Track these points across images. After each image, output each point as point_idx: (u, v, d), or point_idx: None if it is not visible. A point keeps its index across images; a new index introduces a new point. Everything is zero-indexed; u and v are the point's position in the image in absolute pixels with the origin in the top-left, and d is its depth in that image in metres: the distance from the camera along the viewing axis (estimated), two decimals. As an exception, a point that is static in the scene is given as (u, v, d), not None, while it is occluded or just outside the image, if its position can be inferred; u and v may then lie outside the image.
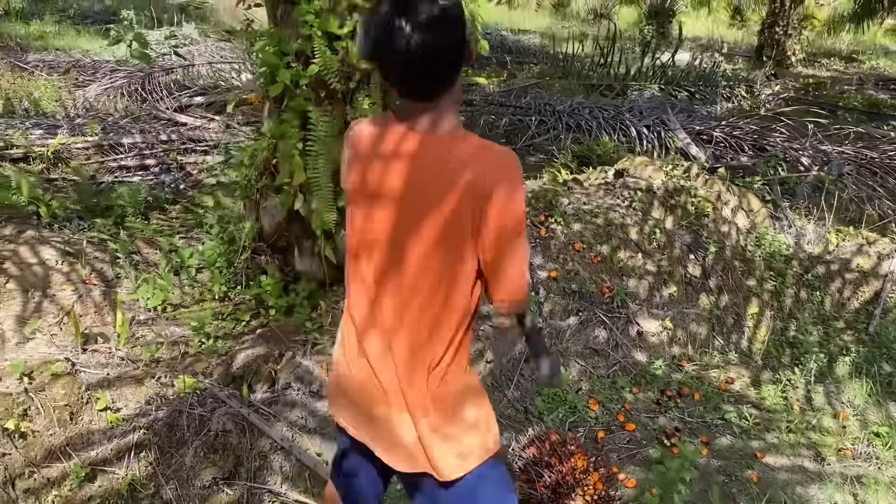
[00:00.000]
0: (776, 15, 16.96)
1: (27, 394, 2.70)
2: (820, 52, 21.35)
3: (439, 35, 1.46)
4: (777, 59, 16.02)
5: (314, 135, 3.49)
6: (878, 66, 19.01)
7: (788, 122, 6.77)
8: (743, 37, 27.08)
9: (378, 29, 1.47)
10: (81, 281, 3.75)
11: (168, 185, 5.74)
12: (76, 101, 7.52)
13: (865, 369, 3.96)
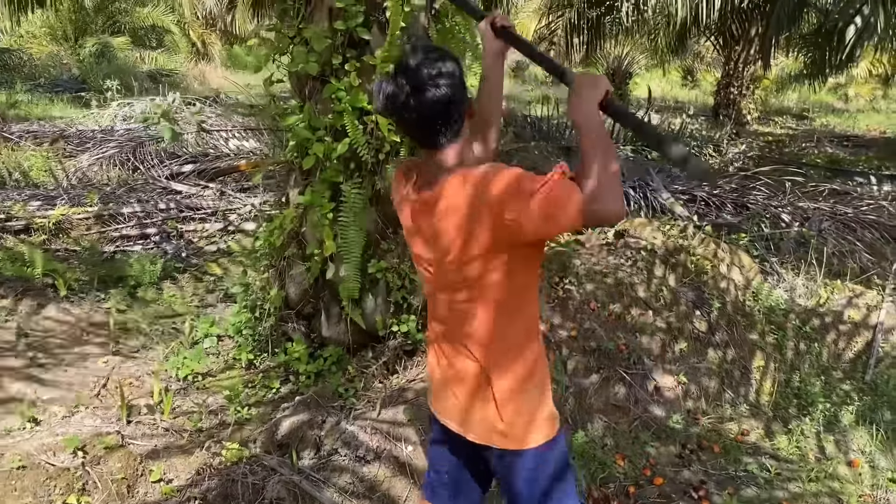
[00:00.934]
0: (730, 76, 17.75)
1: (84, 468, 2.71)
2: (772, 111, 22.34)
3: (434, 93, 1.73)
4: (734, 118, 16.74)
5: (345, 206, 3.63)
6: (827, 124, 19.94)
7: (767, 181, 7.11)
8: (697, 96, 28.20)
9: (384, 89, 1.76)
10: (111, 353, 3.78)
11: (171, 253, 5.78)
12: (68, 172, 7.55)
13: (869, 417, 4.14)
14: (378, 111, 1.84)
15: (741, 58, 17.27)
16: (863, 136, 15.91)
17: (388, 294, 3.88)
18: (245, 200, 6.81)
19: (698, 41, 21.24)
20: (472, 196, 1.71)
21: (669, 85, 30.23)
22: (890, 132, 17.60)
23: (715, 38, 16.79)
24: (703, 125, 14.83)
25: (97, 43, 20.90)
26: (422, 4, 3.59)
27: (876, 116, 21.66)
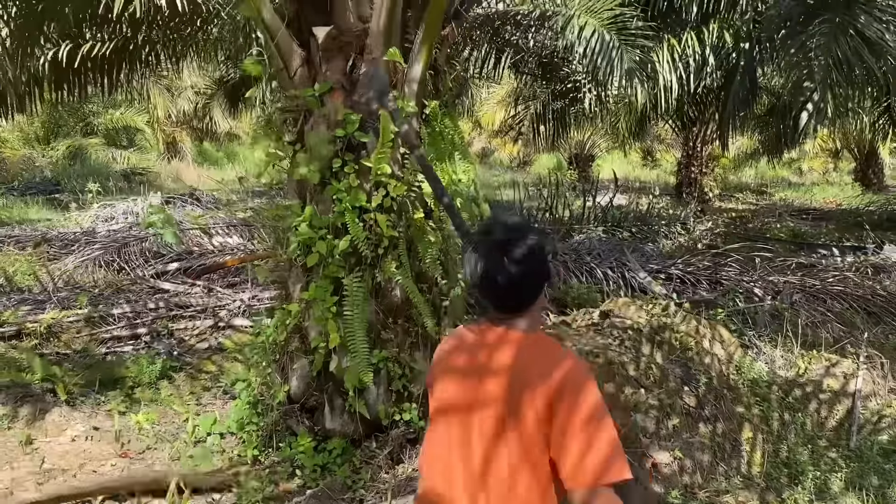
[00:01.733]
0: (689, 156, 18.48)
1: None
2: (731, 188, 23.17)
3: (529, 267, 1.85)
4: (696, 196, 17.36)
5: (348, 298, 3.78)
6: (786, 198, 20.72)
7: (737, 257, 7.43)
8: (658, 175, 29.16)
9: (481, 262, 1.86)
10: (119, 455, 3.81)
11: (163, 352, 5.83)
12: (53, 275, 7.60)
13: (857, 483, 4.28)
14: (467, 278, 1.93)
15: (698, 138, 18.07)
16: (820, 209, 16.57)
17: (389, 383, 3.99)
18: (233, 296, 6.91)
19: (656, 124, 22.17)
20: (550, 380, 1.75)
21: (631, 166, 31.30)
22: (845, 204, 18.35)
23: (673, 122, 17.56)
24: (669, 204, 15.36)
25: (71, 145, 21.17)
26: (414, 111, 3.86)
27: (830, 189, 22.57)
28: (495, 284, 1.85)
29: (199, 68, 16.20)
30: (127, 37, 9.68)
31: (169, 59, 10.52)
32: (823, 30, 7.21)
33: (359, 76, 3.84)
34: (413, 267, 3.96)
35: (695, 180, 18.19)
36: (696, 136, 18.01)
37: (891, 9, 7.51)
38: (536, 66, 12.01)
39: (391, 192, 3.80)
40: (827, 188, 22.93)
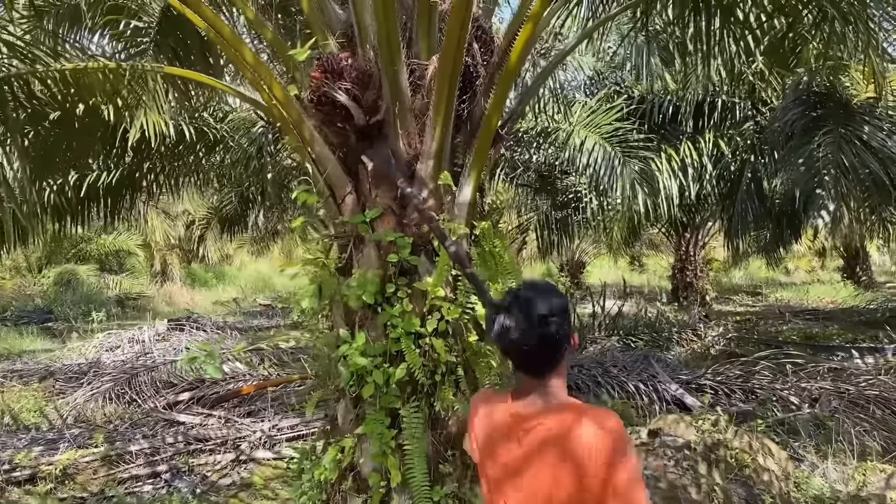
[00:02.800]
0: (683, 261, 18.66)
1: None
2: (725, 290, 23.31)
3: (549, 327, 1.92)
4: (692, 299, 17.41)
5: (406, 431, 3.59)
6: (781, 298, 20.82)
7: (767, 364, 7.31)
8: (648, 279, 29.39)
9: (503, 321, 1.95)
10: None
11: (185, 491, 5.52)
12: (61, 410, 7.31)
13: None
14: (494, 341, 2.02)
15: (690, 242, 18.30)
16: (820, 309, 16.60)
17: (450, 521, 3.75)
18: (252, 426, 6.64)
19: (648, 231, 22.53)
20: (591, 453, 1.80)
21: (620, 271, 31.57)
22: (840, 302, 18.43)
23: (666, 228, 17.83)
24: (669, 309, 15.34)
25: (62, 272, 21.04)
26: (465, 232, 3.81)
27: (822, 288, 22.75)
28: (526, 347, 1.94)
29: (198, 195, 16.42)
30: (132, 166, 9.80)
31: (171, 187, 10.64)
32: (828, 140, 7.42)
33: (408, 201, 3.81)
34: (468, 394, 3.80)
35: (690, 284, 18.31)
36: (688, 241, 18.28)
37: (889, 117, 7.78)
38: (536, 178, 12.27)
39: (446, 315, 3.69)
40: (818, 287, 23.12)
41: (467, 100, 3.90)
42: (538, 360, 1.97)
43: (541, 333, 1.92)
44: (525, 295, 1.99)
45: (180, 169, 10.78)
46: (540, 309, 1.92)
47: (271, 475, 5.81)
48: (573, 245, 18.42)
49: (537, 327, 1.91)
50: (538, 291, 2.00)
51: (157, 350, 9.28)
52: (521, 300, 1.96)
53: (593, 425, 1.84)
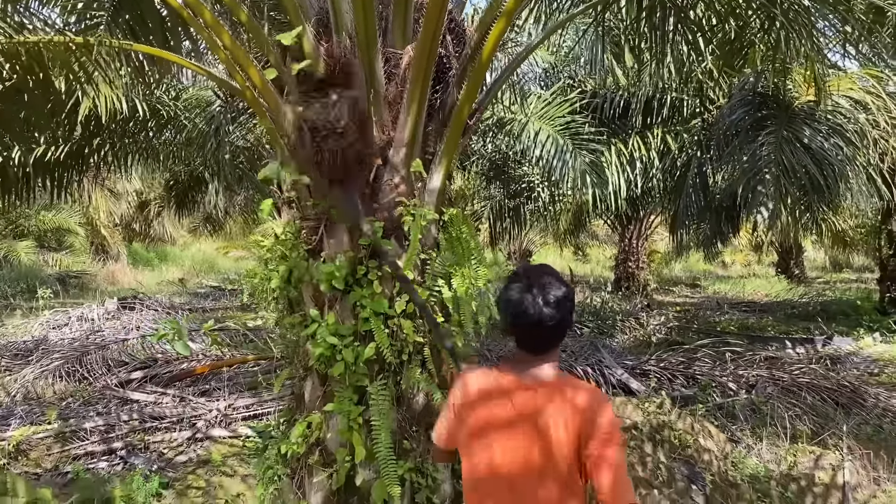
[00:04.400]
0: (626, 252, 19.19)
1: None
2: (665, 281, 23.99)
3: (561, 310, 2.12)
4: (634, 289, 17.93)
5: (373, 408, 3.73)
6: (719, 290, 21.55)
7: (708, 352, 7.68)
8: (591, 269, 30.00)
9: (517, 305, 2.13)
10: (131, 584, 3.57)
11: (140, 467, 5.55)
12: (9, 388, 7.21)
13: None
14: (509, 320, 2.18)
15: (633, 235, 18.82)
16: (755, 301, 17.28)
17: (413, 495, 3.90)
18: (208, 405, 6.67)
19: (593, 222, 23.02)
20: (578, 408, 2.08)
21: (564, 261, 32.16)
22: (773, 296, 19.20)
23: (611, 220, 18.27)
24: (612, 298, 15.78)
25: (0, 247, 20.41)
26: (434, 218, 3.95)
27: (757, 281, 23.60)
28: (537, 326, 2.10)
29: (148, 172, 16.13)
30: (81, 142, 9.61)
31: (120, 163, 10.47)
32: (771, 140, 7.79)
33: (381, 185, 3.92)
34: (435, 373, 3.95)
35: (632, 275, 18.85)
36: (632, 233, 18.79)
37: (827, 121, 8.19)
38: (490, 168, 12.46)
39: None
40: (754, 280, 23.98)
41: (440, 90, 4.04)
42: (546, 339, 2.16)
43: (555, 315, 2.10)
44: (543, 279, 2.16)
45: (131, 146, 10.62)
46: (557, 292, 2.12)
47: (228, 453, 5.86)
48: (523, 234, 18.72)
49: (554, 309, 2.09)
50: (553, 276, 2.19)
51: (107, 328, 9.18)
52: (540, 283, 2.13)
53: (585, 391, 2.13)
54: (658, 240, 25.77)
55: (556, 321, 2.11)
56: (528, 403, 2.12)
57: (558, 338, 2.20)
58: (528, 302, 2.10)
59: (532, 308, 2.09)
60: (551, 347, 2.20)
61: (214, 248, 28.62)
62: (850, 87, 8.81)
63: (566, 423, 2.06)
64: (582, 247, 34.99)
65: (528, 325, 2.12)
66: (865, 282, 22.76)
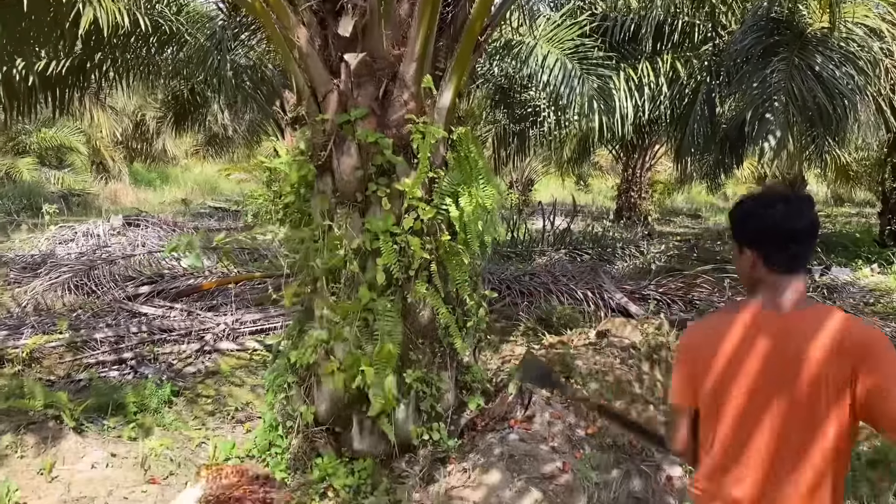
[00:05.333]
0: (629, 182, 19.13)
1: None
2: (667, 212, 24.02)
3: (817, 218, 1.91)
4: (635, 219, 17.97)
5: (380, 320, 3.83)
6: (719, 222, 21.60)
7: (707, 278, 7.79)
8: (593, 199, 29.97)
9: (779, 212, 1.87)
10: (147, 482, 3.74)
11: (151, 377, 5.70)
12: (19, 299, 7.34)
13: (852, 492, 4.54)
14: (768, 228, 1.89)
15: (637, 164, 18.73)
16: (756, 233, 17.30)
17: (418, 403, 4.05)
18: (216, 319, 6.81)
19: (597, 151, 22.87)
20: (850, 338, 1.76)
21: (566, 191, 32.09)
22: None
23: (616, 149, 18.14)
24: (614, 227, 15.85)
25: (2, 164, 20.33)
26: (443, 135, 3.96)
27: (759, 214, 23.56)
28: (806, 237, 1.89)
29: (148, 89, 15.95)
30: (82, 56, 9.47)
31: (121, 79, 10.34)
32: (781, 67, 7.68)
33: (390, 101, 3.92)
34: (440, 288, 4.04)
35: (634, 204, 18.85)
36: (636, 162, 18.70)
37: (840, 49, 8.06)
38: (495, 91, 12.31)
39: (421, 215, 3.89)
40: (756, 213, 23.92)
41: (452, 3, 4.00)
42: (805, 248, 1.92)
43: (813, 220, 1.89)
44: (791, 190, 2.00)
45: (132, 62, 10.47)
46: (808, 203, 1.90)
47: (236, 365, 6.02)
48: (526, 161, 18.62)
49: (810, 214, 1.88)
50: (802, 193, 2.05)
51: (113, 244, 9.27)
52: (794, 193, 1.94)
53: (860, 323, 1.83)
54: (661, 170, 25.63)
55: (814, 227, 1.90)
56: (786, 336, 1.83)
57: (813, 248, 1.96)
58: (791, 208, 1.88)
59: (797, 214, 1.87)
60: (806, 262, 1.95)
61: (216, 171, 28.50)
62: (866, 15, 8.63)
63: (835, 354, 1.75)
64: (584, 177, 34.81)
65: (788, 235, 1.87)
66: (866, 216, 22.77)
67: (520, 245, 11.35)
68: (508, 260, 10.26)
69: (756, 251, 1.90)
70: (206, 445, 4.38)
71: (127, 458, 4.02)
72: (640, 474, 4.22)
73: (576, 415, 4.35)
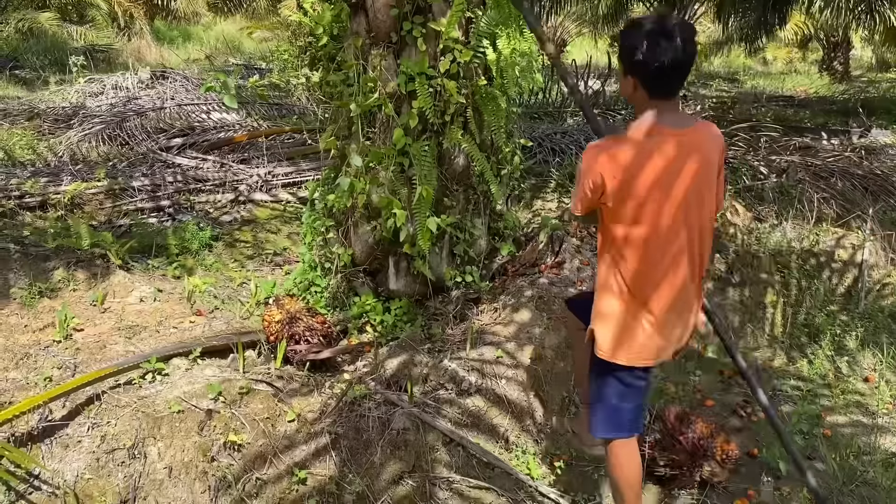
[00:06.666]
0: (667, 43, 18.41)
1: (230, 410, 2.91)
2: (703, 75, 23.23)
3: (695, 46, 2.16)
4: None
5: (416, 165, 3.86)
6: (757, 85, 20.91)
7: (744, 136, 7.64)
8: (626, 62, 28.92)
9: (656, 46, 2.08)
10: (195, 314, 3.93)
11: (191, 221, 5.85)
12: (55, 149, 7.44)
13: (871, 341, 4.66)
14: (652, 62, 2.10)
15: (676, 24, 17.93)
16: (793, 97, 16.82)
17: (451, 247, 4.14)
18: (249, 171, 6.88)
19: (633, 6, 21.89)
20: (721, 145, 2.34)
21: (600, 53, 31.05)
22: (814, 92, 18.64)
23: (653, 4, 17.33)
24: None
25: (23, 19, 20.01)
26: (482, -26, 3.83)
27: (798, 78, 22.79)
28: (683, 65, 2.12)
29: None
30: None
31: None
32: None
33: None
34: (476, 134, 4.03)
35: (670, 67, 18.24)
36: (674, 21, 17.91)
37: None
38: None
39: (458, 57, 3.82)
40: (795, 77, 23.15)
41: None
42: (682, 78, 2.18)
43: (692, 52, 2.12)
44: (673, 19, 2.17)
45: None
46: (687, 30, 2.11)
47: (270, 215, 6.14)
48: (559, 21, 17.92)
49: (693, 46, 2.13)
50: (681, 20, 2.21)
51: (143, 97, 9.24)
52: (676, 24, 2.11)
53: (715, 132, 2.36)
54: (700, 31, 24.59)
55: (692, 57, 2.15)
56: (691, 146, 2.19)
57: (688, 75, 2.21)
58: (672, 43, 2.07)
59: (676, 49, 2.07)
60: (681, 89, 2.30)
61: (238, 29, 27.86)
62: None
63: (718, 156, 2.32)
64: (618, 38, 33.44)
65: (683, 63, 2.12)
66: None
67: (550, 106, 11.14)
68: (539, 120, 10.10)
69: (638, 79, 2.16)
70: (247, 285, 4.56)
71: (172, 293, 4.21)
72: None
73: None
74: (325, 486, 2.87)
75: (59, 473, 2.69)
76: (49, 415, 2.88)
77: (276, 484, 2.81)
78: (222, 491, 2.71)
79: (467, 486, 3.07)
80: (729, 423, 3.74)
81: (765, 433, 3.64)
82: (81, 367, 3.28)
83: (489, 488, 3.04)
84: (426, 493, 3.00)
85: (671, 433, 3.27)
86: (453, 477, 3.08)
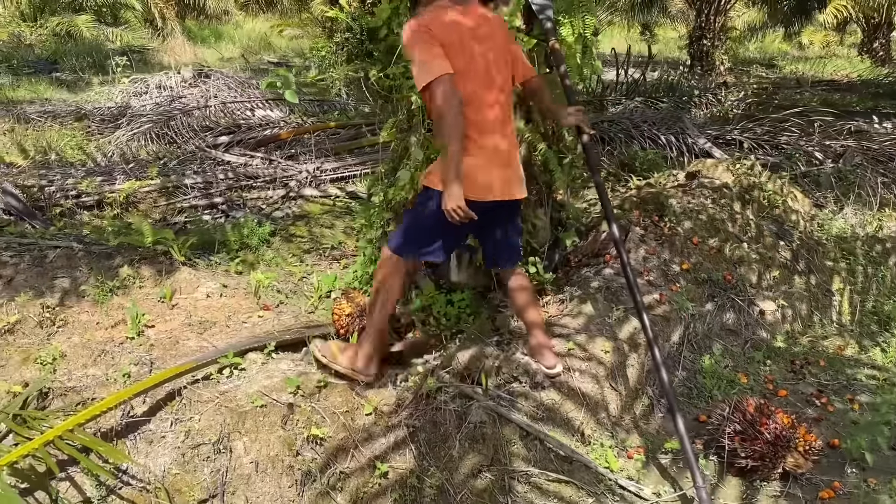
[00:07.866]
0: (702, 28, 18.12)
1: (310, 404, 2.91)
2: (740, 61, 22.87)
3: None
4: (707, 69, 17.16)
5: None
6: (797, 70, 20.52)
7: (797, 121, 7.50)
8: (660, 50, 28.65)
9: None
10: (262, 308, 3.94)
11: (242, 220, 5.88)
12: (104, 149, 7.53)
13: (943, 329, 4.53)
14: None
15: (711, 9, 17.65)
16: (836, 81, 16.48)
17: (515, 239, 4.10)
18: (297, 167, 6.91)
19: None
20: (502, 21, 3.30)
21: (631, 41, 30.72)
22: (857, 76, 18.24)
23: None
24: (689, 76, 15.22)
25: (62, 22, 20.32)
26: (544, -40, 3.77)
27: (838, 62, 22.32)
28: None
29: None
30: None
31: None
32: None
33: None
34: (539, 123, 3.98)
35: (707, 53, 17.94)
36: (709, 7, 17.63)
37: None
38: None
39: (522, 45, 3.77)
40: (835, 61, 22.68)
41: None
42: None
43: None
44: None
45: None
46: None
47: (320, 210, 6.15)
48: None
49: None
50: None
51: (187, 96, 9.34)
52: None
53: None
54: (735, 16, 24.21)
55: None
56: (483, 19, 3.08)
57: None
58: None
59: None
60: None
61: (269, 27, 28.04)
62: None
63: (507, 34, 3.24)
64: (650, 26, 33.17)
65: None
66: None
67: (590, 94, 11.03)
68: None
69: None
70: (307, 279, 4.56)
71: (237, 288, 4.23)
72: (734, 307, 4.27)
73: (670, 251, 4.36)
74: (405, 480, 2.86)
75: (147, 468, 2.71)
76: (131, 411, 2.91)
77: (359, 477, 2.81)
78: (308, 485, 2.72)
79: (546, 479, 3.03)
80: (806, 413, 3.65)
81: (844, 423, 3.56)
82: (157, 363, 3.30)
83: (568, 482, 3.00)
84: (505, 486, 2.97)
85: (752, 424, 3.20)
86: (532, 471, 3.04)
